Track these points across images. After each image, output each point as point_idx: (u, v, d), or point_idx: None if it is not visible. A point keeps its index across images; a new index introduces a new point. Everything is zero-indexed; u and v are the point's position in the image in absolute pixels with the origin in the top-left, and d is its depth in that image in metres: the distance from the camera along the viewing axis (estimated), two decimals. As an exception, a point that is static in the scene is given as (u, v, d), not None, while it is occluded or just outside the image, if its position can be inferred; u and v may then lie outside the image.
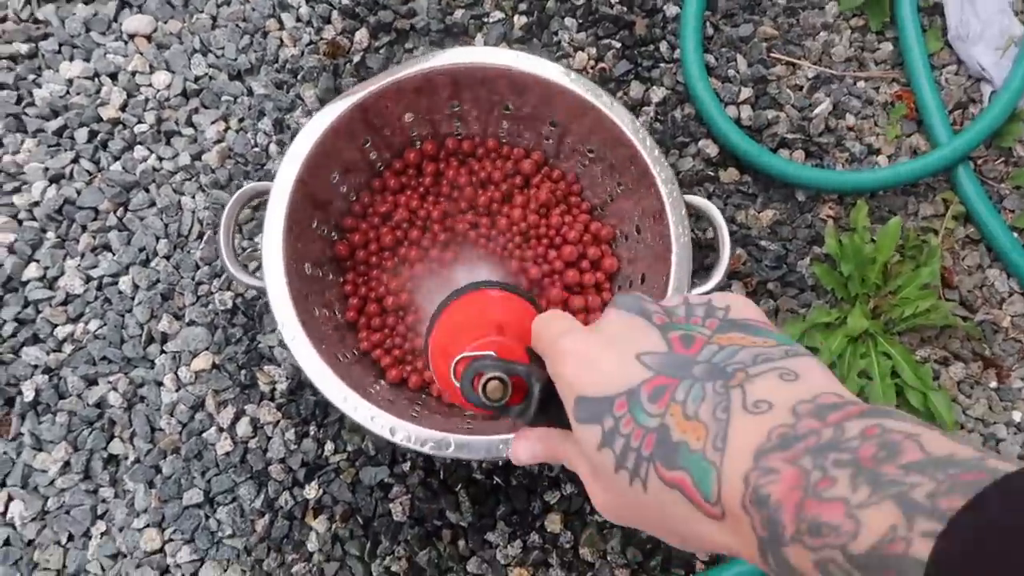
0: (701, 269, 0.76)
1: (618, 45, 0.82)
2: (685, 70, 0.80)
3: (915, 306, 0.74)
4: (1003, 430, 0.76)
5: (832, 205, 0.80)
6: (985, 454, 0.20)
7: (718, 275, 0.60)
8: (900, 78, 0.84)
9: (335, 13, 0.81)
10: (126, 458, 0.71)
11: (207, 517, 0.70)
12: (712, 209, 0.61)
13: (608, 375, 0.27)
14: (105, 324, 0.73)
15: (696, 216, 0.63)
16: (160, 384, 0.72)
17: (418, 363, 0.67)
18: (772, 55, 0.84)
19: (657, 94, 0.81)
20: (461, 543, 0.70)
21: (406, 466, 0.71)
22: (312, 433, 0.72)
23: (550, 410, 0.31)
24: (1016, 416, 0.77)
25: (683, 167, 0.79)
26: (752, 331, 0.27)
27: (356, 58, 0.79)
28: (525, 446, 0.34)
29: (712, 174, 0.79)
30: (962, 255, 0.80)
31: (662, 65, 0.82)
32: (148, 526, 0.69)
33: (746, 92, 0.81)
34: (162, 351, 0.73)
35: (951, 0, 0.85)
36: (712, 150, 0.79)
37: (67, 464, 0.70)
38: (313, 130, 0.61)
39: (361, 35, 0.80)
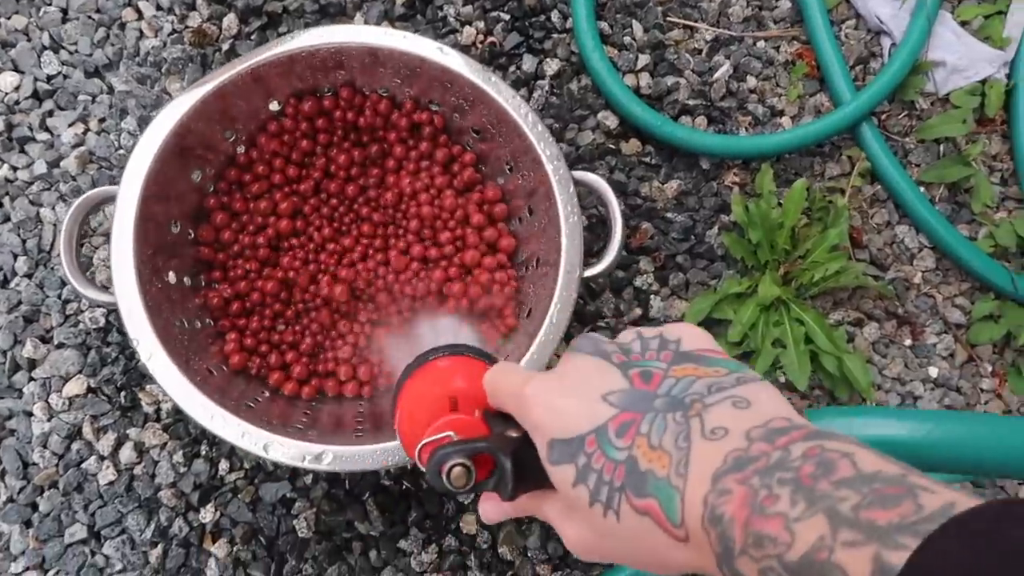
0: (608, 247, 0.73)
1: (507, 17, 0.77)
2: (579, 40, 0.77)
3: (825, 269, 0.72)
4: (920, 387, 0.75)
5: (737, 171, 0.77)
6: (908, 471, 0.22)
7: (610, 254, 0.57)
8: (800, 36, 0.82)
9: (199, -2, 0.75)
10: (-3, 498, 0.65)
11: (93, 553, 0.65)
12: (600, 183, 0.58)
13: (576, 416, 0.28)
14: (-37, 354, 0.66)
15: (597, 194, 0.60)
16: (30, 414, 0.66)
17: (296, 367, 0.62)
18: (668, 19, 0.81)
19: (551, 66, 0.77)
20: (373, 554, 0.66)
21: (308, 479, 0.67)
22: (204, 453, 0.67)
23: (526, 475, 0.31)
24: (932, 372, 0.76)
25: (583, 141, 0.76)
26: (705, 362, 0.29)
27: (225, 46, 0.73)
28: (494, 507, 0.35)
29: (613, 147, 0.76)
30: (870, 213, 0.78)
31: (554, 36, 0.78)
32: (28, 569, 0.64)
33: (644, 59, 0.78)
34: (30, 378, 0.67)
35: (845, -47, 0.83)
36: (612, 122, 0.76)
37: (-70, 510, 0.64)
38: (165, 123, 0.55)
39: (229, 21, 0.74)
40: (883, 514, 0.21)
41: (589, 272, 0.57)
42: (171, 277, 0.58)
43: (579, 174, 0.58)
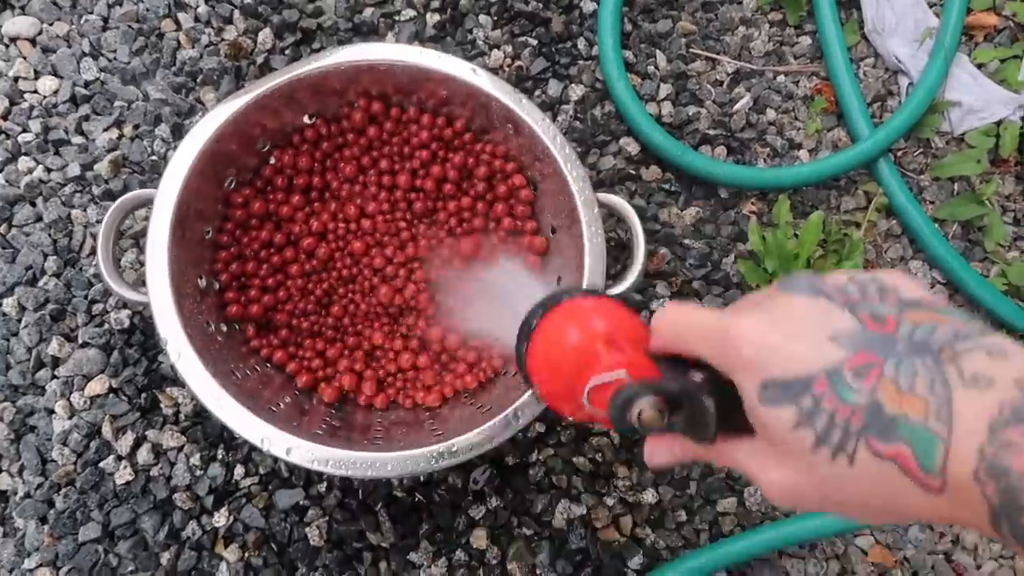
0: (625, 270, 0.74)
1: (534, 43, 0.79)
2: (604, 67, 0.78)
3: (839, 300, 0.73)
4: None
5: (755, 201, 0.79)
6: None
7: (633, 273, 0.58)
8: (819, 72, 0.84)
9: (236, 13, 0.77)
10: (15, 493, 0.66)
11: (106, 553, 0.65)
12: (624, 206, 0.59)
13: (800, 356, 0.27)
14: (-12, 349, 0.67)
15: (618, 218, 0.61)
16: (51, 412, 0.67)
17: (326, 371, 0.63)
18: (691, 51, 0.83)
19: (576, 92, 0.79)
20: (383, 565, 0.67)
21: (322, 487, 0.67)
22: (220, 457, 0.67)
23: (720, 418, 0.30)
24: (943, 407, 0.76)
25: (604, 166, 0.77)
26: (936, 309, 0.27)
27: (260, 59, 0.75)
28: (662, 450, 0.34)
29: (634, 172, 0.78)
30: (885, 248, 0.80)
31: (580, 62, 0.80)
32: (40, 566, 0.64)
33: (666, 88, 0.80)
34: (53, 376, 0.68)
35: (866, -7, 0.85)
36: (633, 148, 0.78)
37: (-52, 503, 0.65)
38: (203, 131, 0.57)
39: (264, 35, 0.76)
40: None
41: (613, 291, 0.58)
42: (202, 281, 0.59)
43: (603, 196, 0.60)
